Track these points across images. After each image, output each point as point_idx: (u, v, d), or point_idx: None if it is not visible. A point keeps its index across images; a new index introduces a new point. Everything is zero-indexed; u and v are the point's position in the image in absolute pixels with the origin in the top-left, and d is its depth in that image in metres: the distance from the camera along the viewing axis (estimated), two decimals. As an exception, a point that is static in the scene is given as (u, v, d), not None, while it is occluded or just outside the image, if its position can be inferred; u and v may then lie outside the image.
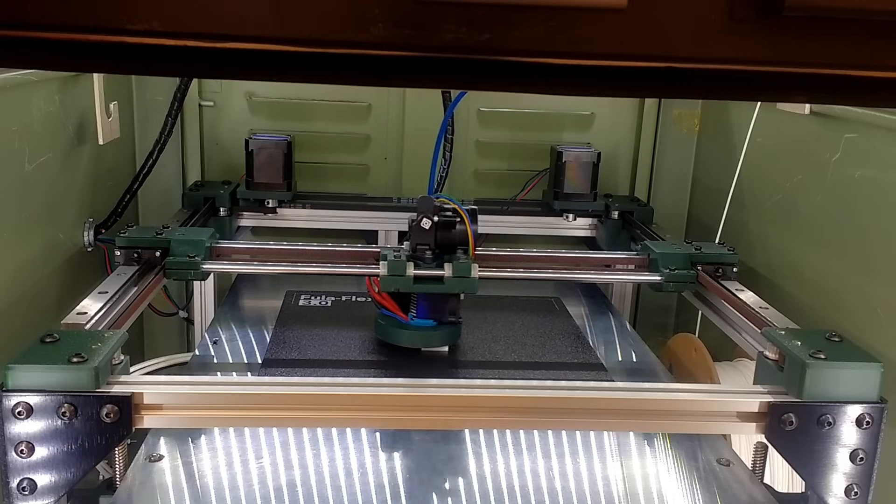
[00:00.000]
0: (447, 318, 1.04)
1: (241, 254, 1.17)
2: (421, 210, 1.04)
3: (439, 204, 1.04)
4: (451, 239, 1.04)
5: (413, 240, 1.04)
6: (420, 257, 1.03)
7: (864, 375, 0.75)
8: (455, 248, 1.05)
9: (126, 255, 1.08)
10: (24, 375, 0.68)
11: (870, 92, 0.40)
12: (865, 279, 1.04)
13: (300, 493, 0.76)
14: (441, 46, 0.36)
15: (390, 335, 1.04)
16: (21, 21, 0.35)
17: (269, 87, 1.57)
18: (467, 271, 1.01)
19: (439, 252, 1.04)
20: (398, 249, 1.05)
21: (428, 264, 1.02)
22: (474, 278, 1.01)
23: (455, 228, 1.04)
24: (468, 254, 1.04)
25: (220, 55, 0.36)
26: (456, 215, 1.04)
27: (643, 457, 0.86)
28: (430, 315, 1.03)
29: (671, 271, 1.14)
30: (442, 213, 1.04)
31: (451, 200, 1.05)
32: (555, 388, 0.77)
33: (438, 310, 1.03)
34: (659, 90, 0.48)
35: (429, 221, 1.03)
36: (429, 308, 1.03)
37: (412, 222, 1.04)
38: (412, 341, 1.04)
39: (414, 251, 1.04)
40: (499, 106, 1.60)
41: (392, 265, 1.01)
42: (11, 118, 0.99)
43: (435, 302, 1.03)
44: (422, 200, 1.04)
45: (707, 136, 1.61)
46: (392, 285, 1.01)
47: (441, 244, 1.04)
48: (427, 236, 1.03)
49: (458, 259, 1.02)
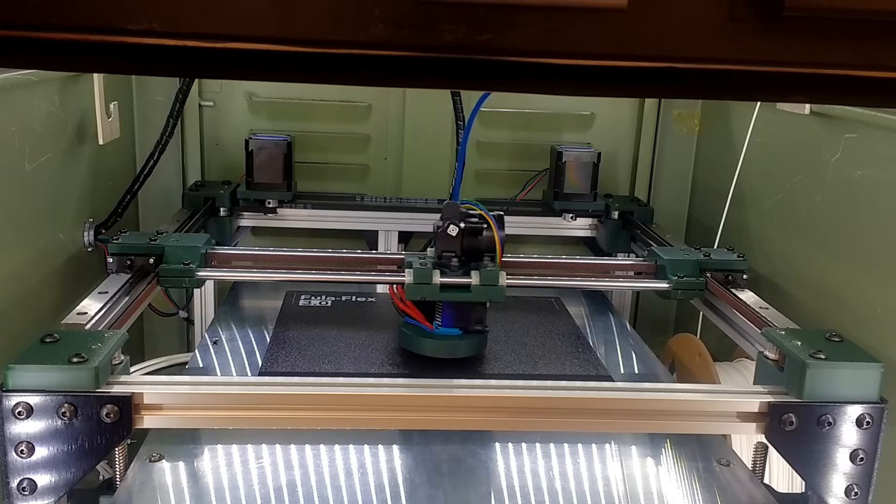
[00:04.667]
0: (473, 327, 1.00)
1: (239, 260, 1.13)
2: (446, 216, 1.00)
3: (465, 210, 1.01)
4: (477, 246, 1.01)
5: (439, 247, 1.00)
6: (446, 265, 0.99)
7: (864, 375, 0.75)
8: (482, 255, 1.01)
9: (119, 262, 1.05)
10: (24, 375, 0.68)
11: (870, 92, 0.40)
12: (865, 279, 1.04)
13: (300, 493, 0.77)
14: (441, 46, 0.36)
15: (415, 344, 1.01)
16: (21, 21, 0.35)
17: (269, 87, 1.57)
18: (495, 279, 0.97)
19: (465, 259, 1.01)
20: (423, 257, 1.02)
21: (454, 272, 0.99)
22: (502, 286, 0.98)
23: (482, 235, 1.01)
24: (495, 261, 1.00)
25: (220, 55, 0.36)
26: (483, 221, 1.01)
27: (643, 457, 0.86)
28: (455, 324, 1.00)
29: (680, 279, 1.11)
30: (468, 220, 1.00)
31: (478, 206, 1.02)
32: (555, 388, 0.77)
33: (464, 318, 1.00)
34: (659, 90, 0.48)
35: (455, 228, 0.99)
36: (454, 317, 1.00)
37: (437, 228, 1.01)
38: (437, 350, 1.00)
39: (440, 258, 1.00)
40: (499, 106, 1.60)
41: (418, 273, 0.97)
42: (11, 118, 0.99)
43: (461, 310, 1.00)
44: (447, 206, 1.01)
45: (707, 136, 1.61)
46: (418, 293, 0.98)
47: (468, 251, 1.01)
48: (453, 243, 1.00)
49: (486, 266, 0.99)
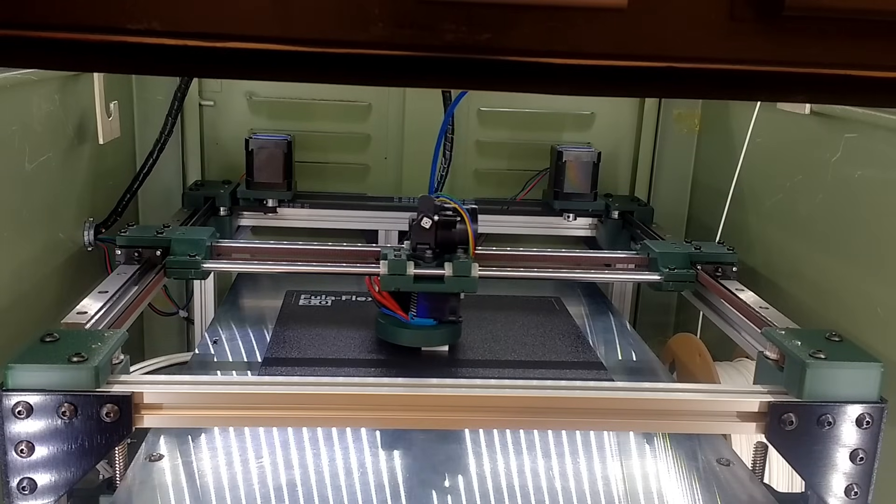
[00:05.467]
0: (447, 318, 1.04)
1: (241, 253, 1.16)
2: (421, 209, 1.04)
3: (440, 203, 1.05)
4: (451, 238, 1.04)
5: (413, 239, 1.04)
6: (420, 256, 1.03)
7: (864, 375, 0.75)
8: (455, 247, 1.05)
9: (127, 255, 1.08)
10: (24, 375, 0.68)
11: (870, 92, 0.40)
12: (866, 279, 1.04)
13: (300, 493, 0.76)
14: (441, 46, 0.36)
15: (391, 334, 1.04)
16: (21, 20, 0.35)
17: (269, 87, 1.57)
18: (467, 270, 1.01)
19: (439, 251, 1.04)
20: (398, 249, 1.05)
21: (428, 263, 1.02)
22: (474, 277, 1.01)
23: (455, 228, 1.04)
24: (468, 253, 1.04)
25: (220, 55, 0.36)
26: (456, 214, 1.04)
27: (643, 457, 0.86)
28: (430, 314, 1.04)
29: (671, 270, 1.14)
30: (442, 213, 1.04)
31: (452, 200, 1.05)
32: (555, 388, 0.77)
33: (439, 309, 1.04)
34: (659, 90, 0.48)
35: (429, 221, 1.03)
36: (429, 307, 1.03)
37: (412, 221, 1.04)
38: (412, 340, 1.04)
39: (414, 250, 1.04)
40: (499, 106, 1.60)
41: (392, 264, 1.01)
42: (11, 118, 0.99)
43: (435, 301, 1.03)
44: (422, 200, 1.04)
45: (707, 136, 1.61)
46: (392, 284, 1.01)
47: (441, 243, 1.04)
48: (427, 235, 1.03)
49: (459, 258, 1.02)
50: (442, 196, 1.06)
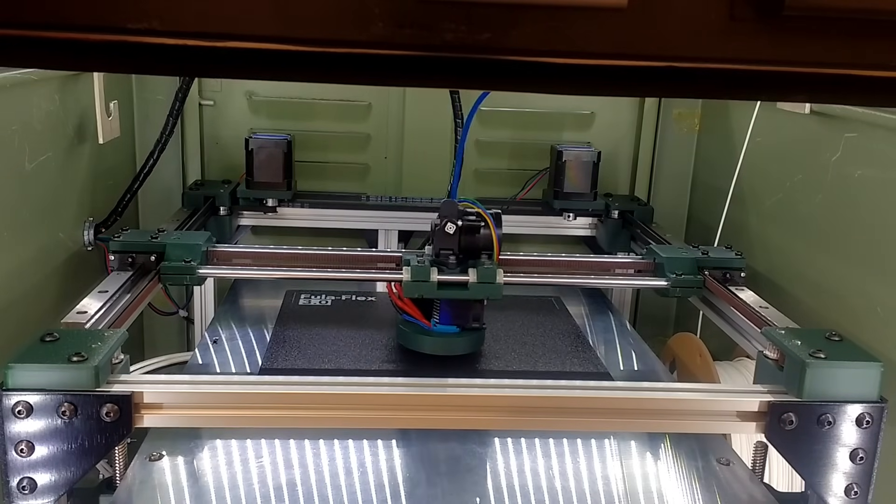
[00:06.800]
0: (471, 324, 1.01)
1: (239, 258, 1.13)
2: (444, 214, 1.01)
3: (462, 208, 1.02)
4: (475, 244, 1.02)
5: (436, 244, 1.01)
6: (444, 262, 1.00)
7: (863, 375, 0.75)
8: (479, 252, 1.02)
9: (120, 260, 1.06)
10: (24, 374, 0.68)
11: (870, 92, 0.40)
12: (865, 278, 1.04)
13: (300, 492, 0.77)
14: (441, 46, 0.36)
15: (413, 342, 1.02)
16: (21, 20, 0.35)
17: (269, 87, 1.57)
18: (492, 277, 0.98)
19: (463, 257, 1.01)
20: (421, 254, 1.03)
21: (452, 269, 0.99)
22: (499, 284, 0.98)
23: (479, 233, 1.01)
24: (492, 259, 1.01)
25: (220, 55, 0.36)
26: (480, 219, 1.02)
27: (643, 457, 0.86)
28: (453, 321, 1.01)
29: (678, 276, 1.12)
30: (466, 218, 1.01)
31: (475, 204, 1.03)
32: (555, 387, 0.77)
33: (462, 316, 1.01)
34: (659, 90, 0.48)
35: (453, 226, 1.00)
36: (452, 314, 1.01)
37: (434, 226, 1.01)
38: (435, 348, 1.01)
39: (437, 256, 1.01)
40: (499, 106, 1.60)
41: (415, 271, 0.98)
42: (11, 117, 0.99)
43: (458, 308, 1.01)
44: (445, 204, 1.01)
45: (707, 136, 1.61)
46: (415, 291, 0.98)
47: (465, 249, 1.01)
48: (451, 241, 1.00)
49: (483, 264, 1.00)
50: (464, 200, 1.03)
